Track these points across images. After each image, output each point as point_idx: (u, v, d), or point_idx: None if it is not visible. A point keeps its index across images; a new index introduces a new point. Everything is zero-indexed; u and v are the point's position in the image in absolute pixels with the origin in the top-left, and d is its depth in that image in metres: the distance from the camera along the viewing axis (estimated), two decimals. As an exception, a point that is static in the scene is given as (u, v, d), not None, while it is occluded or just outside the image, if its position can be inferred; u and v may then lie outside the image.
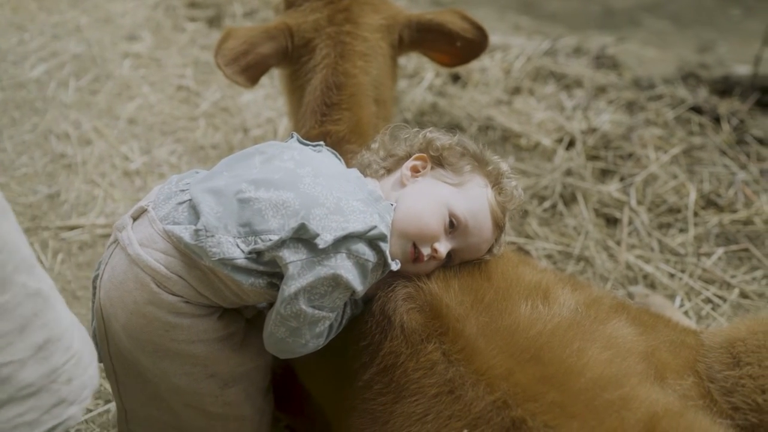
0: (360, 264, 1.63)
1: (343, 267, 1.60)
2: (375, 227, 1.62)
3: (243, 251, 1.62)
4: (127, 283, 1.70)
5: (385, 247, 1.65)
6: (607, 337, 1.69)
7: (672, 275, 2.83)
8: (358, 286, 1.64)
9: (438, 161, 1.85)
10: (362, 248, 1.62)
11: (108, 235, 3.06)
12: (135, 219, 1.75)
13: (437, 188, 1.81)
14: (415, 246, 1.75)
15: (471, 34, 2.37)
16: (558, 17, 6.15)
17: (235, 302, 1.76)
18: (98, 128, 3.74)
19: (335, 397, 1.86)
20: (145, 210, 1.74)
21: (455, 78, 4.10)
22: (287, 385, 2.15)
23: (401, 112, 3.68)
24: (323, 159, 1.82)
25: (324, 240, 1.58)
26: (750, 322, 1.81)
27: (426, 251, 1.75)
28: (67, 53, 4.33)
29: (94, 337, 1.91)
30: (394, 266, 1.70)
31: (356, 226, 1.61)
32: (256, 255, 1.63)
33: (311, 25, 2.29)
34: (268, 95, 3.93)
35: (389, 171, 1.92)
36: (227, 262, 1.62)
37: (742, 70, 4.41)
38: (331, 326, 1.75)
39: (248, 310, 1.88)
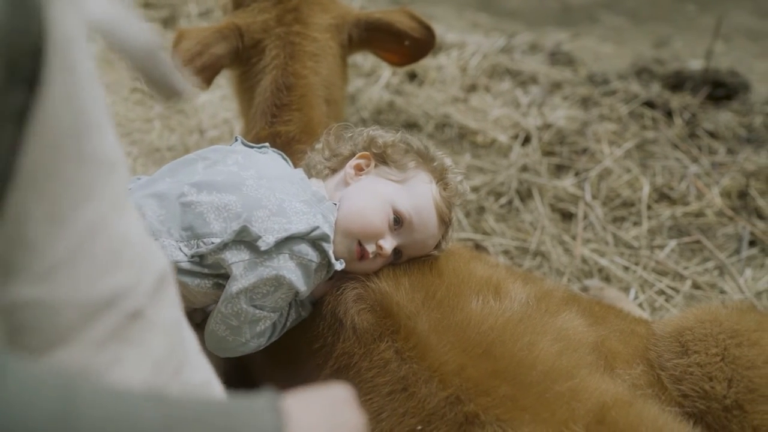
0: (303, 265, 1.63)
1: (286, 268, 1.61)
2: (317, 228, 1.63)
3: (186, 255, 1.62)
4: None
5: (327, 247, 1.66)
6: (557, 329, 1.72)
7: (626, 268, 2.87)
8: (302, 286, 1.65)
9: (382, 159, 1.85)
10: (305, 249, 1.63)
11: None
12: None
13: (380, 185, 1.81)
14: (360, 244, 1.76)
15: (419, 33, 2.38)
16: (516, 14, 6.20)
17: (183, 305, 1.76)
18: (51, 131, 3.67)
19: None
20: None
21: (412, 76, 4.11)
22: (241, 388, 2.14)
23: (358, 111, 3.68)
24: (267, 161, 1.82)
25: (266, 242, 1.59)
26: (697, 311, 1.85)
27: (371, 249, 1.75)
28: (18, 55, 4.25)
29: None
30: (338, 266, 1.71)
31: (298, 227, 1.62)
32: (200, 258, 1.64)
33: (260, 26, 2.28)
34: (225, 96, 3.91)
35: (334, 171, 1.92)
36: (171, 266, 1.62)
37: (696, 64, 4.48)
38: (274, 326, 1.75)
39: (196, 314, 1.87)
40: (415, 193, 1.80)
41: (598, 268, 2.87)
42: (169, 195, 1.68)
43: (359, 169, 1.86)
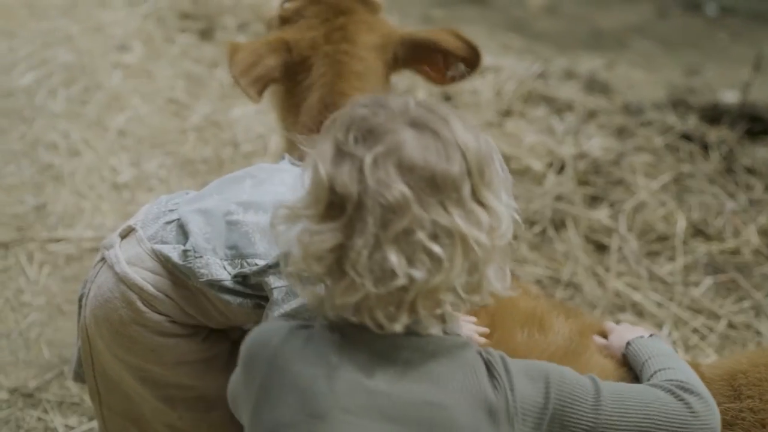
0: None
1: None
2: None
3: (230, 273, 1.62)
4: (113, 302, 1.69)
5: None
6: (601, 365, 1.70)
7: (660, 304, 2.84)
8: None
9: None
10: None
11: (95, 249, 3.03)
12: (123, 238, 1.75)
13: None
14: None
15: (464, 53, 2.36)
16: (546, 37, 6.19)
17: (221, 322, 1.76)
18: (87, 139, 3.71)
19: None
20: (133, 229, 1.74)
21: (446, 98, 4.11)
22: None
23: (393, 131, 3.68)
24: None
25: None
26: (752, 354, 1.82)
27: None
28: (56, 62, 4.29)
29: (79, 357, 1.90)
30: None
31: None
32: (243, 278, 1.63)
33: (308, 43, 2.28)
34: (260, 110, 3.92)
35: None
36: (215, 284, 1.62)
37: (729, 95, 4.45)
38: None
39: (234, 331, 1.87)
40: None
41: (631, 303, 2.85)
42: (215, 212, 1.68)
43: None
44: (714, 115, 4.08)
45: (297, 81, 2.30)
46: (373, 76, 2.31)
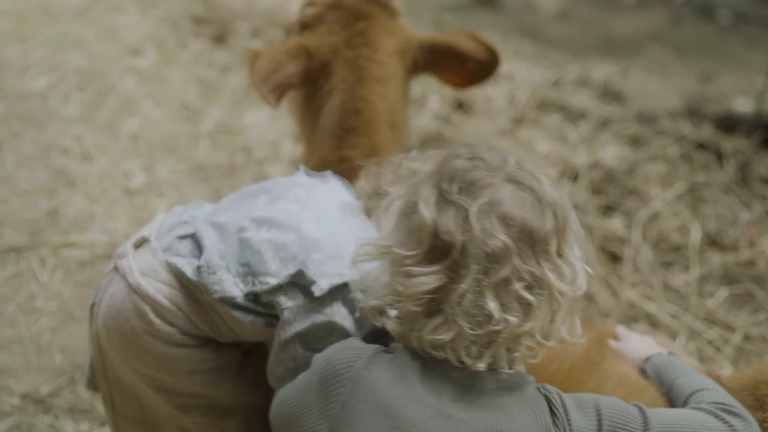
0: (356, 311, 1.61)
1: (339, 314, 1.59)
2: None
3: (241, 290, 1.61)
4: (126, 312, 1.69)
5: None
6: (620, 374, 1.69)
7: (674, 315, 2.82)
8: (355, 332, 1.62)
9: None
10: (359, 296, 1.59)
11: (107, 254, 3.03)
12: (136, 247, 1.74)
13: None
14: None
15: (482, 56, 2.36)
16: (559, 43, 6.17)
17: (231, 338, 1.75)
18: (100, 144, 3.72)
19: None
20: (147, 239, 1.74)
21: (459, 105, 4.09)
22: None
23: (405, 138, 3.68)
24: (329, 195, 1.79)
25: (320, 288, 1.57)
26: None
27: None
28: (69, 66, 4.30)
29: (92, 365, 1.90)
30: (393, 313, 1.67)
31: (353, 273, 1.57)
32: (254, 296, 1.63)
33: (328, 48, 2.28)
34: (272, 116, 3.92)
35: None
36: (228, 300, 1.62)
37: (743, 103, 4.42)
38: None
39: (246, 344, 1.87)
40: None
41: (645, 314, 2.83)
42: (229, 228, 1.67)
43: None
44: (729, 124, 4.05)
45: (317, 86, 2.29)
46: (394, 82, 2.30)
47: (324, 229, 1.65)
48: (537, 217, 1.26)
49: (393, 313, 1.37)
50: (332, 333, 1.60)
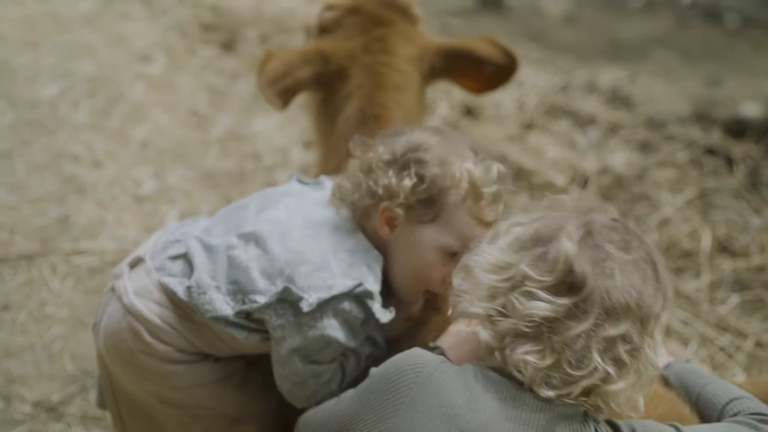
0: (347, 321, 1.62)
1: (330, 327, 1.59)
2: (360, 285, 1.59)
3: (232, 309, 1.62)
4: (122, 333, 1.71)
5: (371, 303, 1.61)
6: None
7: (685, 322, 2.82)
8: (349, 342, 1.63)
9: (406, 206, 1.68)
10: (348, 306, 1.60)
11: (118, 261, 3.04)
12: (132, 267, 1.76)
13: (420, 236, 1.69)
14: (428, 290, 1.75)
15: (500, 60, 2.35)
16: (566, 48, 6.16)
17: (229, 353, 1.77)
18: (110, 151, 3.73)
19: None
20: (142, 259, 1.75)
21: (468, 111, 4.10)
22: None
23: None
24: (318, 204, 1.77)
25: (308, 303, 1.57)
26: None
27: (439, 290, 1.72)
28: (79, 73, 4.32)
29: (99, 384, 1.92)
30: (385, 319, 1.66)
31: (341, 285, 1.59)
32: (245, 314, 1.64)
33: (346, 53, 2.27)
34: (282, 123, 3.93)
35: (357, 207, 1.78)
36: (220, 319, 1.63)
37: (751, 107, 4.42)
38: (343, 371, 1.72)
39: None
40: (454, 224, 1.67)
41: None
42: (219, 247, 1.68)
43: (390, 225, 1.70)
44: (738, 129, 4.05)
45: (333, 90, 2.29)
46: (411, 88, 2.30)
47: (310, 239, 1.65)
48: (653, 296, 1.34)
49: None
50: (329, 345, 1.62)
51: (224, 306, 1.62)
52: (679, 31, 6.78)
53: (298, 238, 1.65)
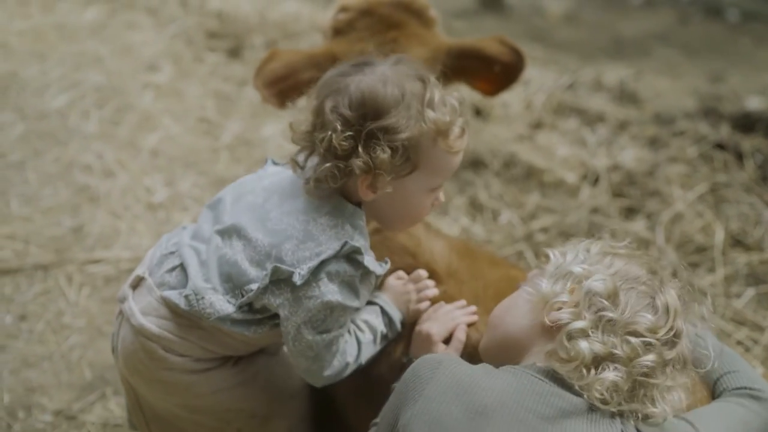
0: (344, 282, 1.61)
1: (329, 292, 1.59)
2: (346, 243, 1.58)
3: (234, 305, 1.63)
4: (137, 353, 1.73)
5: (361, 258, 1.61)
6: None
7: (702, 317, 2.81)
8: (353, 302, 1.64)
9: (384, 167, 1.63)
10: (341, 267, 1.60)
11: (133, 269, 3.05)
12: (134, 288, 1.77)
13: (405, 188, 1.67)
14: None
15: (508, 58, 2.35)
16: (568, 46, 6.18)
17: (246, 350, 1.77)
18: (121, 160, 3.74)
19: None
20: (143, 278, 1.76)
21: (477, 112, 4.11)
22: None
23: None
24: (293, 181, 1.73)
25: (300, 275, 1.57)
26: None
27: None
28: (88, 83, 4.34)
29: (127, 406, 1.93)
30: (381, 270, 1.67)
31: (329, 248, 1.58)
32: (248, 306, 1.64)
33: (357, 55, 2.27)
34: (290, 128, 3.94)
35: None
36: (225, 319, 1.64)
37: (756, 101, 4.43)
38: (359, 343, 1.74)
39: (270, 346, 1.88)
40: (434, 165, 1.66)
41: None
42: (207, 248, 1.69)
43: (373, 189, 1.64)
44: (746, 123, 4.05)
45: None
46: None
47: (289, 215, 1.64)
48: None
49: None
50: (332, 310, 1.61)
51: (225, 305, 1.63)
52: (681, 27, 6.80)
53: (276, 218, 1.64)
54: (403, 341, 1.87)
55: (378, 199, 1.64)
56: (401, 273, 1.93)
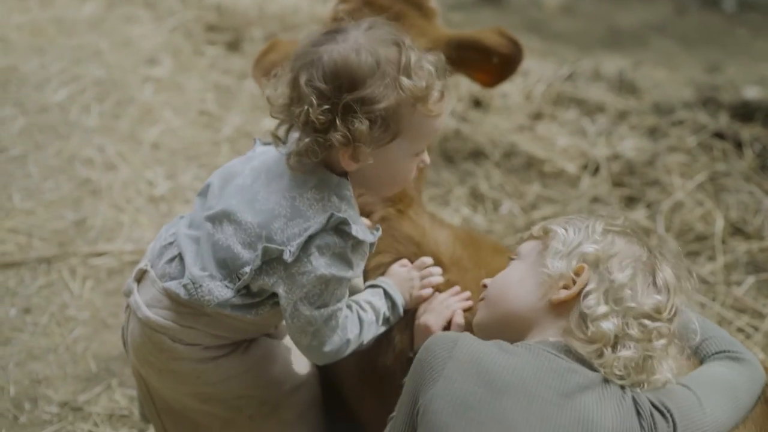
0: (336, 254, 1.60)
1: (321, 265, 1.58)
2: (332, 215, 1.58)
3: (232, 290, 1.64)
4: (146, 345, 1.75)
5: (350, 228, 1.60)
6: None
7: (703, 304, 2.84)
8: (346, 273, 1.63)
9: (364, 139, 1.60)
10: (329, 240, 1.59)
11: (136, 262, 3.06)
12: (138, 282, 1.78)
13: (388, 155, 1.64)
14: None
15: (506, 49, 2.36)
16: (564, 37, 6.19)
17: (256, 331, 1.79)
18: (122, 153, 3.75)
19: None
20: (146, 271, 1.77)
21: (476, 103, 4.12)
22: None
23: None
24: (279, 158, 1.71)
25: (290, 252, 1.57)
26: None
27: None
28: (88, 77, 4.34)
29: (140, 399, 1.95)
30: (372, 238, 1.67)
31: (316, 222, 1.58)
32: (246, 289, 1.65)
33: None
34: (291, 120, 3.95)
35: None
36: (225, 305, 1.65)
37: (753, 91, 4.44)
38: (360, 322, 1.75)
39: (279, 331, 1.90)
40: (415, 131, 1.63)
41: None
42: (201, 236, 1.70)
43: (355, 159, 1.61)
44: (745, 112, 4.07)
45: None
46: None
47: (276, 193, 1.64)
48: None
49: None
50: (327, 284, 1.61)
51: (224, 291, 1.63)
52: (678, 18, 6.80)
53: (264, 198, 1.64)
54: (408, 332, 1.89)
55: (362, 167, 1.61)
56: (405, 261, 1.95)
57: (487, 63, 2.40)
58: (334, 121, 1.52)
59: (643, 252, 1.54)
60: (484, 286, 1.71)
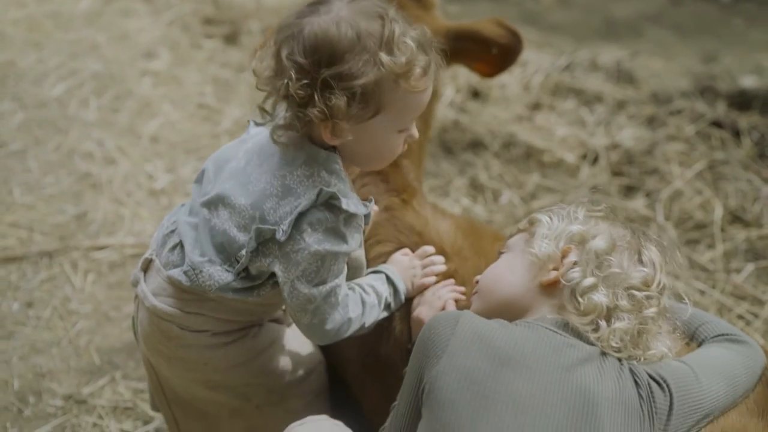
0: (328, 230, 1.60)
1: (314, 242, 1.58)
2: (321, 190, 1.57)
3: (233, 273, 1.64)
4: (155, 334, 1.77)
5: (340, 202, 1.59)
6: None
7: (703, 292, 2.85)
8: (341, 247, 1.62)
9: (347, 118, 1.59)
10: (320, 215, 1.58)
11: (137, 255, 3.08)
12: (145, 271, 1.80)
13: (372, 130, 1.62)
14: None
15: (505, 39, 2.36)
16: (561, 28, 6.18)
17: (264, 312, 1.81)
18: (122, 147, 3.75)
19: None
20: (151, 260, 1.79)
21: (475, 93, 4.13)
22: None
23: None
24: (270, 138, 1.69)
25: (282, 230, 1.57)
26: None
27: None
28: (86, 71, 4.34)
29: (150, 389, 1.97)
30: (365, 210, 1.66)
31: (306, 199, 1.57)
32: (245, 272, 1.66)
33: None
34: (290, 113, 3.95)
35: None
36: (226, 288, 1.65)
37: (750, 80, 4.45)
38: (363, 303, 1.75)
39: (287, 317, 1.91)
40: (399, 106, 1.60)
41: (674, 292, 2.85)
42: (199, 223, 1.70)
43: (338, 135, 1.59)
44: (742, 101, 4.09)
45: None
46: None
47: (267, 173, 1.63)
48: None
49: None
50: (323, 260, 1.61)
51: (224, 274, 1.64)
52: (673, 8, 6.80)
53: (256, 179, 1.63)
54: (408, 321, 1.91)
55: (347, 142, 1.59)
56: (406, 250, 1.96)
57: (486, 54, 2.40)
58: (313, 96, 1.50)
59: (627, 232, 1.60)
60: (476, 282, 1.73)
